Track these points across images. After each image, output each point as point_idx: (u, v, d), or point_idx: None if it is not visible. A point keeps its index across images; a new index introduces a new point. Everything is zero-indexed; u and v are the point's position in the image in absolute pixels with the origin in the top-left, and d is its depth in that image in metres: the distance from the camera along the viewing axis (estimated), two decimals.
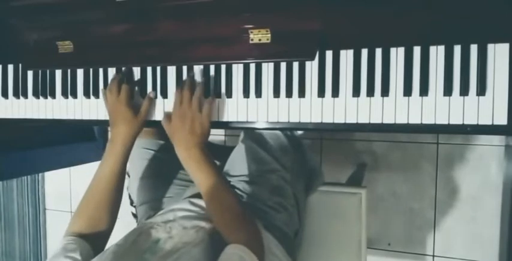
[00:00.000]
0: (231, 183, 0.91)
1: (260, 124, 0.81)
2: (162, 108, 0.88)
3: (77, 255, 0.69)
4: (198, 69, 0.85)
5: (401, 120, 0.72)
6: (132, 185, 1.06)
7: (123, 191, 0.85)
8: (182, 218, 0.78)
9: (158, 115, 0.87)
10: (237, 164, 0.93)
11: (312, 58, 0.76)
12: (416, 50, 0.71)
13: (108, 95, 0.85)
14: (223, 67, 0.83)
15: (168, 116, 0.81)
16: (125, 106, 0.83)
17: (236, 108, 0.82)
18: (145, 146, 1.06)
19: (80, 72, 0.95)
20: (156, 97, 0.87)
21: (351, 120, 0.75)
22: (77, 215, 0.80)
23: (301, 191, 0.96)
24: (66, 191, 2.14)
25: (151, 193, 1.02)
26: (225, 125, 0.83)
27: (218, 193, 0.74)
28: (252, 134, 0.93)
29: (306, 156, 0.99)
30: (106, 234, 0.80)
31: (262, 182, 0.89)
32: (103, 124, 0.95)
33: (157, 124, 0.86)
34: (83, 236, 0.75)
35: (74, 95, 0.95)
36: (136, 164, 1.05)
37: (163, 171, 1.03)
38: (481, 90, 0.68)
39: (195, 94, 0.79)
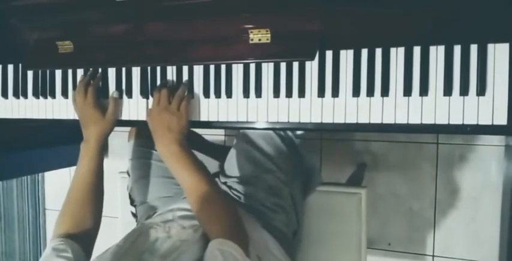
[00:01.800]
0: (228, 184, 0.92)
1: (260, 124, 0.81)
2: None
3: (69, 254, 0.69)
4: (197, 69, 0.85)
5: (401, 120, 0.72)
6: (132, 185, 1.06)
7: (103, 189, 0.87)
8: (181, 218, 0.78)
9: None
10: (233, 165, 0.93)
11: (312, 58, 0.76)
12: (416, 50, 0.71)
13: (76, 98, 0.88)
14: (223, 67, 0.83)
15: (150, 113, 0.83)
16: (93, 107, 0.86)
17: (236, 108, 0.82)
18: (145, 146, 1.06)
19: (80, 72, 0.95)
20: (120, 97, 0.90)
21: (351, 120, 0.75)
22: (61, 217, 0.81)
23: (298, 192, 0.96)
24: (66, 191, 2.13)
25: (151, 193, 1.02)
26: (225, 125, 0.84)
27: (198, 186, 0.75)
28: (245, 136, 0.93)
29: (303, 156, 0.99)
30: (93, 233, 0.82)
31: (258, 183, 0.89)
32: None
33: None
34: (71, 236, 0.76)
35: None
36: (136, 164, 1.05)
37: (163, 171, 1.03)
38: (481, 90, 0.68)
39: (177, 93, 0.82)
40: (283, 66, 0.79)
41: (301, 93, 0.78)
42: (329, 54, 0.76)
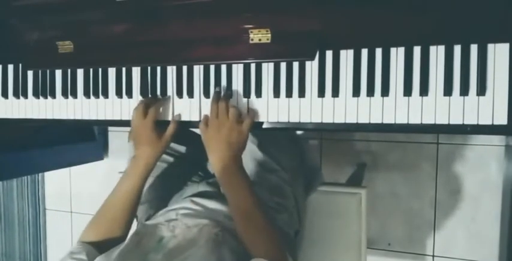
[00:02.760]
0: None
1: (260, 124, 0.81)
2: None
3: (83, 256, 0.70)
4: (197, 69, 0.85)
5: (401, 120, 0.72)
6: None
7: (138, 206, 0.86)
8: (185, 217, 0.78)
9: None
10: None
11: (312, 58, 0.76)
12: (416, 50, 0.71)
13: (134, 115, 0.84)
14: (223, 67, 0.83)
15: (205, 122, 0.80)
16: (150, 129, 0.83)
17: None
18: None
19: (80, 72, 0.95)
20: (180, 119, 0.87)
21: (351, 120, 0.75)
22: (92, 227, 0.81)
23: (300, 192, 0.96)
24: (66, 191, 2.13)
25: (151, 193, 1.02)
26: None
27: (248, 209, 0.74)
28: (250, 135, 0.93)
29: (305, 156, 0.99)
30: (116, 245, 0.81)
31: (261, 182, 0.89)
32: (103, 124, 0.95)
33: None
34: (93, 244, 0.77)
35: (74, 95, 0.95)
36: None
37: (163, 171, 1.03)
38: (481, 90, 0.68)
39: (232, 107, 0.78)
40: (283, 66, 0.79)
41: (301, 93, 0.78)
42: (329, 54, 0.76)
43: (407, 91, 0.72)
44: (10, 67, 1.01)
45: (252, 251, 0.70)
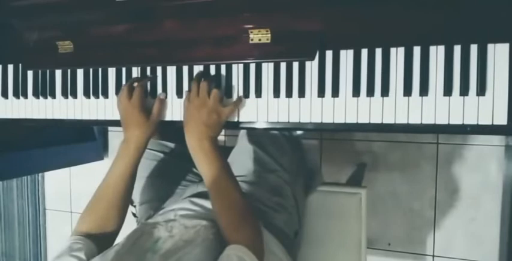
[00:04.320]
0: None
1: (260, 124, 0.81)
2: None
3: (82, 255, 0.69)
4: (197, 69, 0.85)
5: (401, 120, 0.72)
6: None
7: (132, 192, 0.85)
8: (183, 217, 0.78)
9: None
10: (236, 164, 0.93)
11: (312, 58, 0.76)
12: (416, 50, 0.71)
13: (120, 98, 0.84)
14: (223, 67, 0.83)
15: (189, 98, 0.80)
16: (138, 109, 0.82)
17: (236, 108, 0.82)
18: None
19: (80, 72, 0.95)
20: (166, 97, 0.87)
21: (351, 120, 0.75)
22: (86, 215, 0.80)
23: (300, 191, 0.96)
24: (66, 191, 2.13)
25: (151, 193, 1.02)
26: (225, 125, 0.83)
27: (223, 187, 0.74)
28: (250, 135, 0.93)
29: (305, 156, 0.99)
30: (113, 235, 0.81)
31: (261, 182, 0.89)
32: (103, 124, 0.95)
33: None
34: (90, 236, 0.75)
35: (74, 95, 0.95)
36: None
37: (163, 171, 1.03)
38: (481, 90, 0.68)
39: (216, 88, 0.78)
40: (283, 66, 0.79)
41: (301, 93, 0.78)
42: (329, 54, 0.76)
43: (407, 91, 0.72)
44: (10, 67, 1.01)
45: (230, 236, 0.69)
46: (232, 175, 0.77)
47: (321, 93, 0.77)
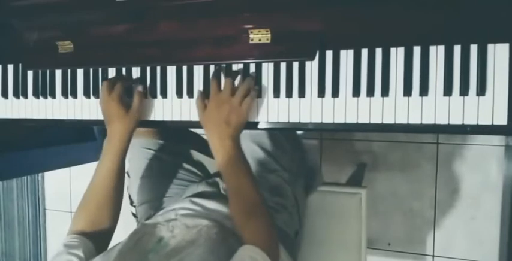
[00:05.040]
0: None
1: (260, 124, 0.81)
2: (161, 107, 0.88)
3: (80, 253, 0.69)
4: (197, 69, 0.85)
5: (401, 120, 0.72)
6: (132, 185, 1.06)
7: (124, 189, 0.85)
8: (184, 217, 0.78)
9: (158, 115, 0.88)
10: None
11: (312, 58, 0.76)
12: (416, 50, 0.71)
13: (101, 93, 0.85)
14: (223, 67, 0.83)
15: (202, 98, 0.79)
16: (117, 103, 0.82)
17: None
18: (145, 146, 1.06)
19: (80, 72, 0.95)
20: (146, 91, 0.87)
21: (351, 120, 0.75)
22: (78, 214, 0.80)
23: (300, 191, 0.96)
24: (66, 191, 2.14)
25: (151, 193, 1.02)
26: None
27: (244, 190, 0.73)
28: (251, 135, 0.93)
29: (305, 156, 0.99)
30: (109, 232, 0.80)
31: (261, 182, 0.89)
32: (103, 124, 0.95)
33: (156, 124, 0.87)
34: (86, 234, 0.75)
35: (74, 95, 0.95)
36: (136, 164, 1.05)
37: (163, 171, 1.03)
38: (481, 90, 0.68)
39: (242, 87, 0.76)
40: (283, 66, 0.79)
41: (301, 93, 0.78)
42: (329, 54, 0.76)
43: (407, 91, 0.72)
44: (10, 67, 1.01)
45: (244, 236, 0.69)
46: (254, 177, 0.76)
47: (321, 93, 0.77)
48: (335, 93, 0.76)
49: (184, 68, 0.86)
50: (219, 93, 0.77)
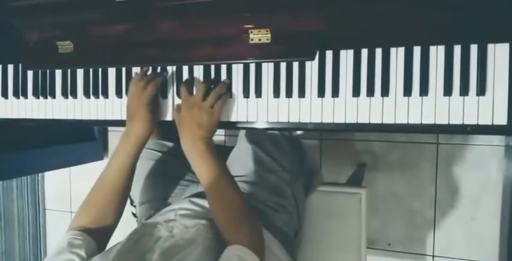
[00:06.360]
0: None
1: (260, 124, 0.81)
2: (161, 107, 0.88)
3: (82, 252, 0.68)
4: (197, 69, 0.85)
5: (401, 120, 0.72)
6: (132, 185, 1.05)
7: (131, 187, 0.84)
8: (183, 217, 0.78)
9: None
10: (236, 164, 0.93)
11: (312, 58, 0.76)
12: (416, 50, 0.71)
13: (132, 87, 0.83)
14: (223, 67, 0.83)
15: (178, 106, 0.82)
16: (148, 105, 0.81)
17: (236, 108, 0.82)
18: (146, 146, 1.06)
19: (80, 72, 0.95)
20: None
21: (351, 120, 0.75)
22: (83, 210, 0.79)
23: (300, 191, 0.96)
24: (66, 191, 2.14)
25: (151, 193, 1.02)
26: (225, 125, 0.84)
27: (220, 188, 0.74)
28: (250, 135, 0.93)
29: (305, 156, 0.99)
30: (110, 230, 0.80)
31: (261, 182, 0.89)
32: (103, 124, 0.95)
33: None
34: (88, 231, 0.74)
35: (74, 95, 0.95)
36: (137, 164, 1.05)
37: (163, 171, 1.03)
38: (481, 90, 0.68)
39: (215, 90, 0.79)
40: (283, 66, 0.79)
41: (301, 93, 0.78)
42: (329, 54, 0.76)
43: (407, 91, 0.72)
44: (10, 67, 1.01)
45: (230, 237, 0.69)
46: (230, 175, 0.77)
47: (321, 93, 0.77)
48: (335, 93, 0.76)
49: (185, 68, 0.86)
50: (191, 97, 0.79)
